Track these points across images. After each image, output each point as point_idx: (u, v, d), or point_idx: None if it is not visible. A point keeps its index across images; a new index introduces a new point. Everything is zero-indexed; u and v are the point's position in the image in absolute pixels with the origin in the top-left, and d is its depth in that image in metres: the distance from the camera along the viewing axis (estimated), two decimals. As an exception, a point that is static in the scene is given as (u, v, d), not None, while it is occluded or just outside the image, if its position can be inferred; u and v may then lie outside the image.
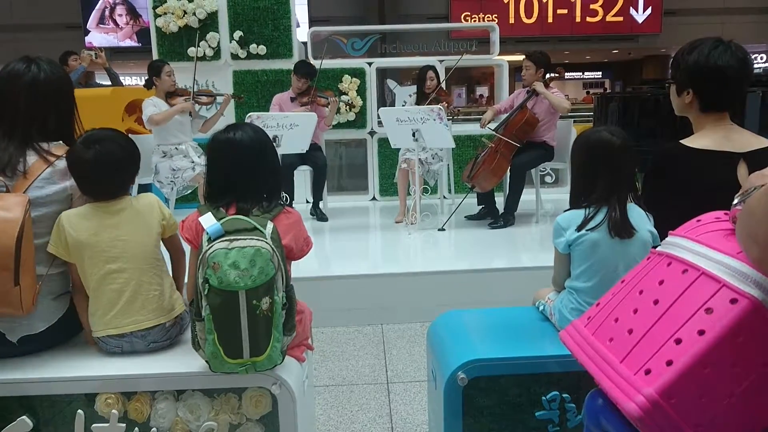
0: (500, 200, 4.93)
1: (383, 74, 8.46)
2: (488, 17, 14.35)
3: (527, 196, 4.74)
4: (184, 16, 5.65)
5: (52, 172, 1.75)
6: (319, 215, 5.09)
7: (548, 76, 4.60)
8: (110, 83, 5.99)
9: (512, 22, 14.70)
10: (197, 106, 4.67)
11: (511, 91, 5.56)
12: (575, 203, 1.86)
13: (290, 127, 4.37)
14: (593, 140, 1.82)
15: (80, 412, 1.66)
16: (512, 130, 4.50)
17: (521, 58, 4.72)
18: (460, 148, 5.71)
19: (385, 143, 5.58)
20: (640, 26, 15.09)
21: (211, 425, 1.66)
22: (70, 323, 1.82)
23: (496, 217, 4.72)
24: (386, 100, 8.42)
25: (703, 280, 0.95)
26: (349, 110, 5.89)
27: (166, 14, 5.68)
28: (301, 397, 1.69)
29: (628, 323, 1.02)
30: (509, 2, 14.74)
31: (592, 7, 14.86)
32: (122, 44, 14.46)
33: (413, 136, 4.42)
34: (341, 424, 2.46)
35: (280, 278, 1.56)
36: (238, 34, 5.73)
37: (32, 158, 1.75)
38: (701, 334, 0.89)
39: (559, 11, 14.83)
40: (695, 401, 0.89)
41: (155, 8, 5.70)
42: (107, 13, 14.37)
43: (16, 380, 1.66)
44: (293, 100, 5.02)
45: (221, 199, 1.68)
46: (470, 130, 6.17)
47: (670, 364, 0.90)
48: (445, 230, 4.56)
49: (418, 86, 5.15)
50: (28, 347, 1.75)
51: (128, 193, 1.81)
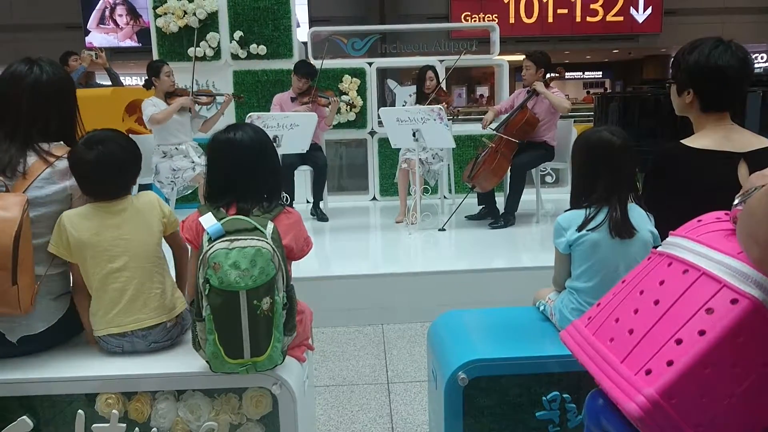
0: (500, 200, 4.94)
1: (383, 74, 8.47)
2: (488, 17, 14.34)
3: (528, 196, 4.74)
4: (184, 16, 5.66)
5: (51, 172, 1.74)
6: (319, 215, 5.08)
7: (548, 75, 4.60)
8: (110, 83, 6.00)
9: (512, 22, 14.70)
10: (197, 106, 4.68)
11: (511, 91, 5.56)
12: (576, 203, 1.86)
13: (290, 127, 4.36)
14: (594, 140, 1.82)
15: (81, 412, 1.67)
16: (512, 130, 4.51)
17: (521, 58, 4.72)
18: (460, 148, 5.70)
19: (385, 143, 5.58)
20: (640, 26, 15.09)
21: (211, 425, 1.66)
22: (70, 324, 1.82)
23: (496, 217, 4.72)
24: (386, 100, 8.42)
25: (703, 280, 0.95)
26: (349, 110, 5.88)
27: (166, 14, 5.68)
28: (301, 397, 1.70)
29: (628, 323, 1.02)
30: (509, 2, 14.74)
31: (592, 6, 14.85)
32: (122, 44, 14.46)
33: (413, 136, 4.42)
34: (341, 424, 2.46)
35: (280, 278, 1.56)
36: (238, 34, 5.73)
37: (32, 159, 1.74)
38: (702, 334, 0.89)
39: (559, 11, 14.82)
40: (696, 401, 0.89)
41: (155, 8, 5.71)
42: (107, 13, 14.37)
43: (16, 380, 1.66)
44: (294, 100, 5.02)
45: (221, 199, 1.68)
46: (470, 130, 6.17)
47: (670, 364, 0.90)
48: (445, 230, 4.56)
49: (417, 86, 5.14)
50: (27, 347, 1.75)
51: (129, 193, 1.81)
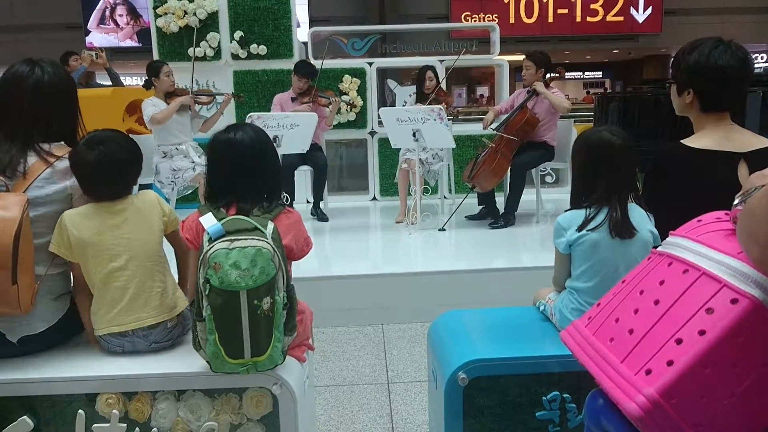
0: (501, 200, 4.94)
1: (384, 74, 8.47)
2: (488, 17, 14.34)
3: (528, 196, 4.74)
4: (184, 16, 5.66)
5: (51, 172, 1.75)
6: (319, 215, 5.08)
7: (548, 75, 4.60)
8: (111, 83, 6.01)
9: (512, 22, 14.70)
10: (197, 106, 4.68)
11: (511, 91, 5.56)
12: (576, 203, 1.86)
13: (291, 127, 4.36)
14: (594, 140, 1.82)
15: (81, 412, 1.67)
16: (513, 130, 4.51)
17: (521, 58, 4.72)
18: (460, 148, 5.70)
19: (385, 143, 5.58)
20: (640, 26, 15.08)
21: (211, 425, 1.66)
22: (70, 324, 1.82)
23: (496, 217, 4.72)
24: (387, 100, 8.42)
25: (703, 280, 0.95)
26: (349, 110, 5.88)
27: (166, 14, 5.68)
28: (301, 397, 1.70)
29: (628, 323, 1.02)
30: (509, 2, 14.74)
31: (592, 6, 14.85)
32: (123, 44, 14.46)
33: (414, 136, 4.42)
34: (342, 424, 2.46)
35: (281, 278, 1.56)
36: (238, 34, 5.73)
37: (32, 159, 1.74)
38: (702, 334, 0.89)
39: (559, 11, 14.82)
40: (696, 401, 0.89)
41: (156, 8, 5.71)
42: (108, 13, 14.37)
43: (16, 380, 1.66)
44: (294, 100, 5.02)
45: (221, 199, 1.68)
46: (471, 130, 6.17)
47: (670, 364, 0.90)
48: (445, 230, 4.56)
49: (417, 87, 5.14)
50: (28, 347, 1.75)
51: (130, 193, 1.81)
